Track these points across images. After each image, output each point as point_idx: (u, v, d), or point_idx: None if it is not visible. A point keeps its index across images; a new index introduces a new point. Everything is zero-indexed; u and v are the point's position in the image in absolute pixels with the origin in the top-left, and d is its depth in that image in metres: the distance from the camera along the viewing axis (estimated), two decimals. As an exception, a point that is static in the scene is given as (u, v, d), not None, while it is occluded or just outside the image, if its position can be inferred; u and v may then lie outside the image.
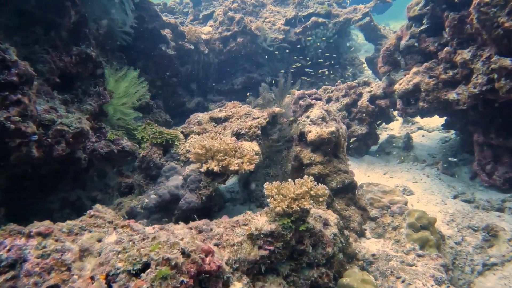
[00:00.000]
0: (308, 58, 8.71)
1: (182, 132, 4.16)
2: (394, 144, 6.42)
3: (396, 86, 5.01)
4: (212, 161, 3.18)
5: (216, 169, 3.11)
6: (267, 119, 3.87)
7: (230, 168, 3.10)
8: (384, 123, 6.48)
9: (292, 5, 9.07)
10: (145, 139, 4.16)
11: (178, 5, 9.92)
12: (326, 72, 8.50)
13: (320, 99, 4.27)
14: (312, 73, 8.97)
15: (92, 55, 4.19)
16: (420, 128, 7.25)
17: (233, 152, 3.29)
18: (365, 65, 10.27)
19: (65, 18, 3.89)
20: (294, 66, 8.52)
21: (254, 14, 8.87)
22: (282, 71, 8.60)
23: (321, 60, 8.61)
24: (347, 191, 3.77)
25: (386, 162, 6.12)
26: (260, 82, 8.90)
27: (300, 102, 4.18)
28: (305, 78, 8.99)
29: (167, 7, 7.72)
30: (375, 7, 12.56)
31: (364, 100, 5.81)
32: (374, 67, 9.02)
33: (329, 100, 6.35)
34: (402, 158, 6.04)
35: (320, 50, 8.49)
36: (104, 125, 4.32)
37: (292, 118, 4.30)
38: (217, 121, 4.15)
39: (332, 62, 8.75)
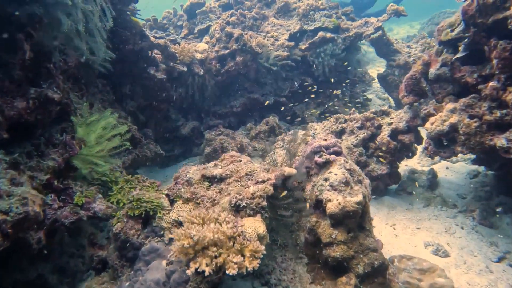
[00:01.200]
0: (317, 75, 7.88)
1: (167, 195, 3.33)
2: (416, 182, 5.58)
3: (428, 126, 4.18)
4: (203, 258, 2.35)
5: (207, 270, 2.28)
6: (275, 184, 3.04)
7: (227, 271, 2.27)
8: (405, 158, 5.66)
9: (296, 17, 8.25)
10: (121, 204, 3.32)
11: (173, 17, 9.10)
12: (337, 92, 7.67)
13: (340, 153, 3.44)
14: (320, 91, 8.16)
15: (54, 98, 3.37)
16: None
17: (231, 242, 2.46)
18: (376, 81, 9.46)
19: (17, 54, 3.07)
20: (300, 91, 7.70)
21: (254, 28, 8.04)
22: (287, 91, 7.80)
23: (332, 79, 7.78)
24: (376, 275, 2.94)
25: (409, 205, 5.28)
26: (262, 103, 8.09)
27: (316, 158, 3.34)
28: (311, 98, 8.17)
29: (157, 23, 6.91)
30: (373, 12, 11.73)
31: (384, 135, 4.98)
32: (387, 85, 8.21)
33: (342, 132, 5.52)
34: (427, 196, 5.21)
35: (328, 69, 7.66)
36: (71, 184, 3.49)
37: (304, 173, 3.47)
38: (212, 180, 3.31)
39: (347, 82, 7.94)
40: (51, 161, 3.36)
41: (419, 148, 6.78)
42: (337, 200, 2.90)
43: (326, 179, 3.10)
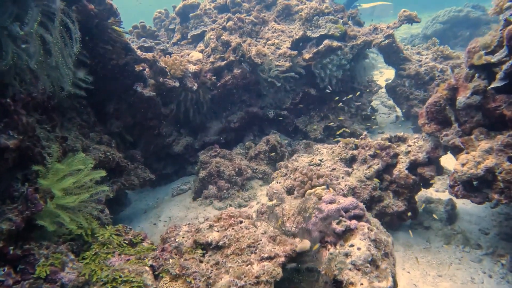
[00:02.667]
0: (322, 87, 7.24)
1: (152, 266, 2.73)
2: (434, 214, 5.04)
3: (458, 167, 3.60)
4: None
5: None
6: (284, 263, 2.44)
7: None
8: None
9: (299, 22, 7.57)
10: (94, 278, 2.72)
11: (165, 18, 8.35)
12: (342, 105, 7.06)
13: (362, 216, 2.85)
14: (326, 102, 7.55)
15: (9, 145, 2.75)
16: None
17: None
18: (383, 89, 8.85)
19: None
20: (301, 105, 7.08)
21: (253, 34, 7.35)
22: (288, 103, 7.18)
23: (340, 90, 7.16)
24: None
25: (427, 243, 4.74)
26: (262, 117, 7.46)
27: (334, 225, 2.74)
28: (314, 112, 7.55)
29: (146, 30, 6.18)
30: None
31: (401, 168, 4.40)
32: (396, 96, 7.62)
33: (353, 160, 4.93)
34: (447, 232, 4.68)
35: (335, 81, 7.03)
36: (34, 248, 2.88)
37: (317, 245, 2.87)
38: (206, 247, 2.71)
39: (357, 94, 7.33)
40: (6, 223, 2.75)
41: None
42: (362, 284, 2.32)
43: (347, 255, 2.51)
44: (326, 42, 6.66)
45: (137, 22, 7.13)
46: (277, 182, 4.98)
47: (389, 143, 4.60)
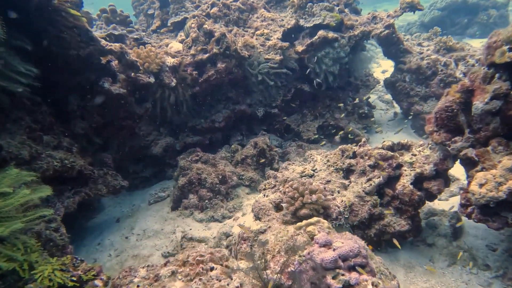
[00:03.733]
0: (321, 81, 6.61)
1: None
2: (437, 228, 4.54)
3: (475, 188, 3.05)
4: None
5: None
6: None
7: None
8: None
9: (291, 9, 6.85)
10: None
11: (143, 1, 7.54)
12: (339, 104, 6.46)
13: (364, 265, 2.27)
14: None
15: None
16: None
17: None
18: (381, 85, 8.26)
19: None
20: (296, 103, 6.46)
21: (240, 22, 6.63)
22: (279, 100, 6.54)
23: (336, 85, 6.54)
24: None
25: (430, 262, 4.26)
26: (250, 116, 6.82)
27: (330, 280, 2.16)
28: (307, 109, 6.94)
29: (117, 15, 5.38)
30: None
31: (406, 183, 3.85)
32: (395, 92, 7.04)
33: (350, 171, 4.36)
34: (452, 250, 4.20)
35: (331, 78, 6.39)
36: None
37: None
38: (167, 301, 2.12)
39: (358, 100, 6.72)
40: None
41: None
42: None
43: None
44: (321, 33, 6.00)
45: (118, 6, 6.26)
46: (264, 195, 4.40)
47: (392, 153, 4.03)
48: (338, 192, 4.16)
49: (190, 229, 4.80)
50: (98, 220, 5.43)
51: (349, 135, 6.77)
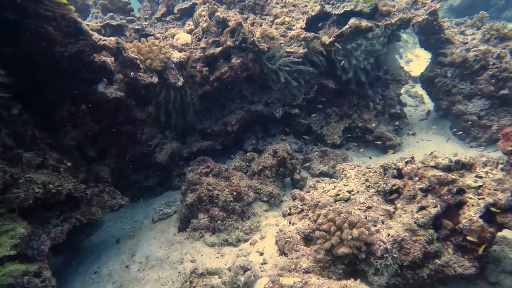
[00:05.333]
0: (344, 79, 5.75)
1: None
2: (501, 263, 3.75)
3: None
4: None
5: None
6: None
7: None
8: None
9: (315, -7, 5.92)
10: None
11: (144, -11, 6.67)
12: (369, 103, 5.61)
13: None
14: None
15: None
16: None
17: None
18: (415, 85, 7.32)
19: None
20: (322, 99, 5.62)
21: (257, 9, 5.73)
22: (300, 99, 5.71)
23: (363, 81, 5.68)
24: None
25: (493, 308, 3.49)
26: (267, 117, 6.00)
27: None
28: (334, 108, 6.09)
29: (115, 2, 4.53)
30: None
31: (473, 216, 3.05)
32: (433, 89, 6.13)
33: (395, 193, 3.56)
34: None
35: (364, 74, 5.52)
36: None
37: None
38: None
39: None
40: None
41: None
42: None
43: None
44: (353, 21, 5.08)
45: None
46: (290, 223, 3.65)
47: (453, 177, 3.21)
48: (382, 222, 3.39)
49: (201, 255, 4.10)
50: (95, 239, 4.78)
51: (379, 140, 5.94)
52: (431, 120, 6.81)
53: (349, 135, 6.12)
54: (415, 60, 11.02)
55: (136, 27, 4.60)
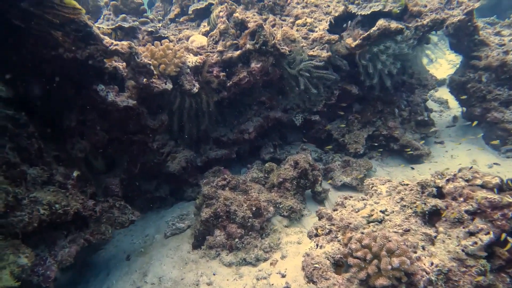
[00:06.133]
0: (368, 85, 5.38)
1: None
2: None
3: None
4: None
5: None
6: None
7: None
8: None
9: (337, -8, 5.55)
10: None
11: (157, -11, 6.40)
12: (399, 113, 5.22)
13: None
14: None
15: None
16: None
17: None
18: (445, 88, 6.90)
19: None
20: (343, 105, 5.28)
21: (277, 9, 5.39)
22: (321, 105, 5.36)
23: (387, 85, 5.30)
24: None
25: None
26: (286, 124, 5.66)
27: None
28: (356, 115, 5.72)
29: (128, 3, 4.22)
30: None
31: (533, 246, 2.66)
32: (464, 94, 5.70)
33: (435, 215, 3.18)
34: None
35: (389, 82, 5.15)
36: None
37: None
38: None
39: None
40: None
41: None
42: None
43: None
44: (382, 22, 4.71)
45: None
46: (317, 245, 3.31)
47: (507, 200, 2.83)
48: (423, 248, 3.02)
49: (218, 276, 3.78)
50: (105, 254, 4.51)
51: (405, 149, 5.55)
52: (459, 127, 6.38)
53: (373, 144, 5.74)
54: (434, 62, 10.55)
55: (150, 29, 4.31)
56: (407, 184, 3.61)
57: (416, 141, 5.59)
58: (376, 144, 5.73)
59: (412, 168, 5.38)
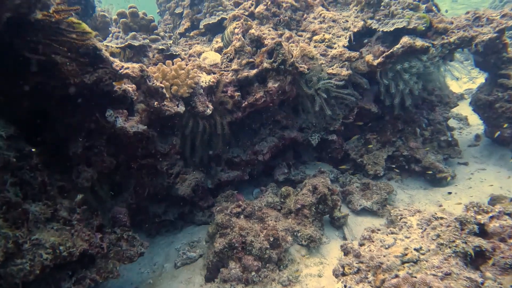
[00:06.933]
0: (387, 104, 5.11)
1: None
2: None
3: None
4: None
5: None
6: None
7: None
8: None
9: (355, 7, 5.32)
10: None
11: (166, 3, 6.20)
12: (418, 132, 4.93)
13: None
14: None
15: None
16: None
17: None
18: (463, 103, 6.62)
19: None
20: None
21: (293, 24, 5.15)
22: (338, 123, 5.09)
23: (409, 106, 5.02)
24: None
25: None
26: (303, 144, 5.38)
27: None
28: (372, 134, 5.44)
29: (138, 20, 3.94)
30: None
31: None
32: (491, 115, 5.40)
33: (481, 256, 2.87)
34: None
35: (410, 100, 4.87)
36: None
37: None
38: None
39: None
40: None
41: None
42: None
43: None
44: (406, 40, 4.44)
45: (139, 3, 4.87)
46: (345, 286, 3.00)
47: None
48: (467, 297, 2.70)
49: (232, 315, 3.47)
50: (111, 285, 4.21)
51: (428, 171, 5.24)
52: (484, 147, 6.05)
53: (392, 165, 5.44)
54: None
55: (160, 47, 4.07)
56: (442, 218, 3.31)
57: (440, 163, 5.28)
58: (393, 166, 5.42)
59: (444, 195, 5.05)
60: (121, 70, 2.93)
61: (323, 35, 4.83)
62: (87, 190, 3.39)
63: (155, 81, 3.17)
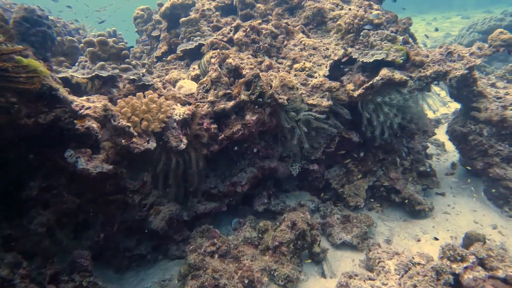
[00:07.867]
0: (369, 136, 5.05)
1: None
2: None
3: None
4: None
5: None
6: None
7: None
8: None
9: (336, 34, 5.30)
10: None
11: (143, 24, 6.00)
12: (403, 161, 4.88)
13: None
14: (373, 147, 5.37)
15: None
16: None
17: None
18: (440, 128, 6.68)
19: None
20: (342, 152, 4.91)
21: (273, 51, 5.05)
22: (320, 152, 4.99)
23: (386, 137, 4.97)
24: None
25: None
26: (283, 175, 5.23)
27: None
28: (356, 163, 5.37)
29: (107, 48, 3.59)
30: None
31: None
32: (466, 147, 5.45)
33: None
34: None
35: (389, 131, 4.84)
36: None
37: None
38: None
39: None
40: None
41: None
42: None
43: None
44: (385, 72, 4.41)
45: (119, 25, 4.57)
46: None
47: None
48: None
49: None
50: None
51: (407, 202, 5.20)
52: (459, 176, 6.10)
53: (372, 197, 5.37)
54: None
55: (132, 77, 3.85)
56: (419, 263, 3.20)
57: (419, 194, 5.25)
58: (372, 200, 5.36)
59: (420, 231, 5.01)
60: (82, 111, 2.70)
61: (304, 63, 4.75)
62: (42, 236, 3.09)
63: (121, 120, 2.94)
